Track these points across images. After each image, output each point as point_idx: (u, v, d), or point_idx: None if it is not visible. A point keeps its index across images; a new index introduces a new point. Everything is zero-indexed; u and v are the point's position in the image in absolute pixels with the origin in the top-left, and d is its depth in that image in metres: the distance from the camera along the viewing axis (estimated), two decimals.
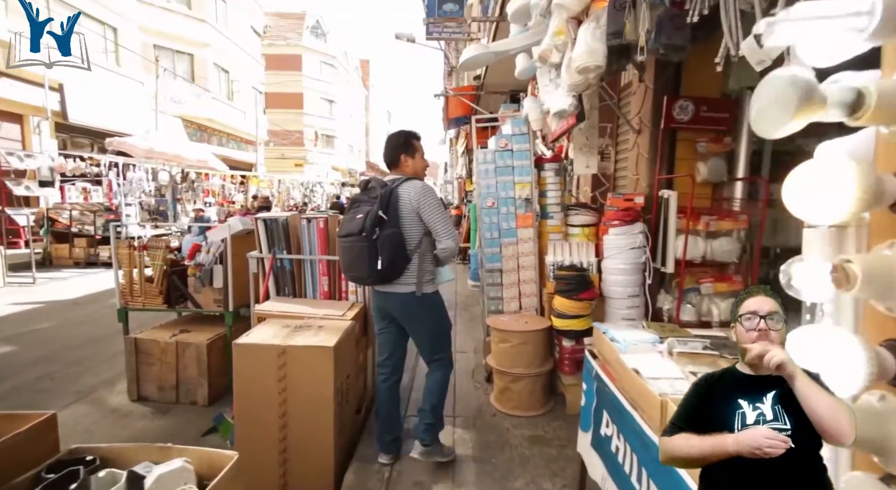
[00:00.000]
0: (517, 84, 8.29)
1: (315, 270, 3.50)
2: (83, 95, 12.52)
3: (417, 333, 2.62)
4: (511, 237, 3.83)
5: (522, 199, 3.78)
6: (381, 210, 2.32)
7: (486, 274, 3.85)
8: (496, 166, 3.78)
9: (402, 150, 2.56)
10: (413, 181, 2.47)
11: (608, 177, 4.96)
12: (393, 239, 2.34)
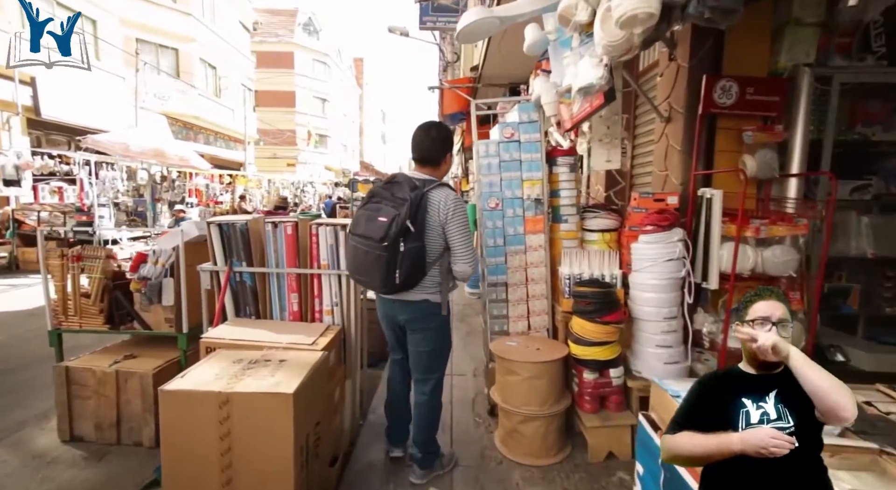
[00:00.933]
0: (517, 76, 7.71)
1: (282, 286, 2.89)
2: (58, 90, 11.83)
3: (419, 343, 2.39)
4: (518, 244, 3.23)
5: (532, 200, 3.18)
6: (409, 219, 2.05)
7: (489, 288, 3.25)
8: (500, 160, 3.18)
9: (447, 148, 2.31)
10: (445, 190, 2.23)
11: (623, 174, 4.38)
12: (417, 253, 2.11)
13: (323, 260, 2.83)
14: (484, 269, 3.27)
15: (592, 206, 3.42)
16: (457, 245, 2.20)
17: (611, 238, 3.27)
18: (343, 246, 2.82)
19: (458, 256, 2.22)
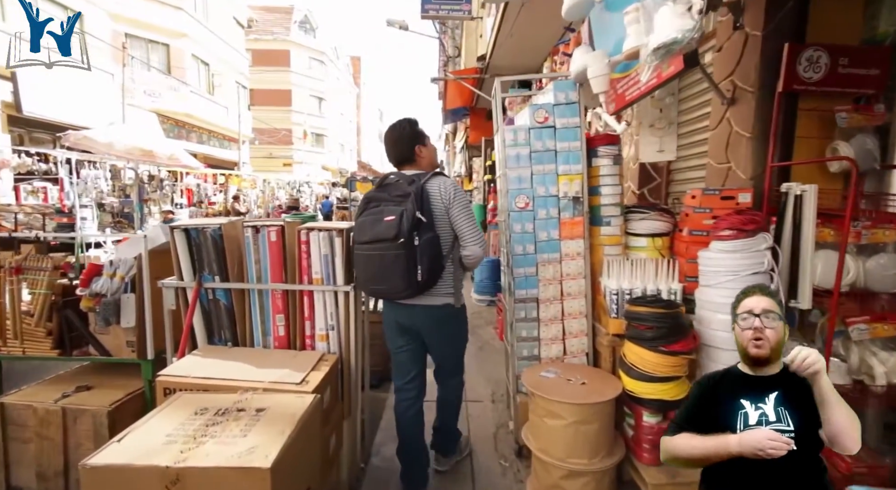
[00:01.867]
0: (527, 66, 7.15)
1: (266, 306, 2.33)
2: (41, 86, 11.26)
3: (443, 348, 2.36)
4: (552, 252, 2.68)
5: (569, 198, 2.63)
6: (418, 210, 2.00)
7: (517, 305, 2.69)
8: (532, 151, 2.63)
9: (415, 142, 2.25)
10: (440, 177, 2.18)
11: (659, 169, 3.83)
12: (434, 244, 2.05)
13: (315, 273, 2.28)
14: (510, 283, 2.72)
15: (638, 205, 2.87)
16: (464, 228, 2.13)
17: (662, 244, 2.72)
18: (339, 256, 2.26)
19: (467, 239, 2.14)
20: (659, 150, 2.75)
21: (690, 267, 2.51)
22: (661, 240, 2.72)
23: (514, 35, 6.02)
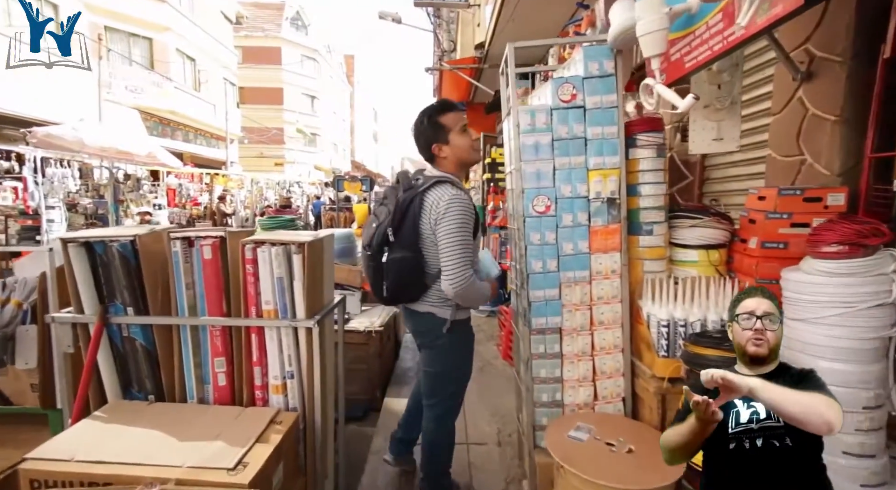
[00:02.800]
0: (529, 56, 6.56)
1: (202, 348, 1.72)
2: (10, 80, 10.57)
3: (425, 361, 1.98)
4: (580, 269, 2.08)
5: (603, 200, 2.04)
6: (391, 227, 1.74)
7: (534, 337, 2.09)
8: (554, 138, 2.03)
9: (433, 140, 1.83)
10: (441, 187, 1.75)
11: (691, 165, 3.23)
12: (401, 265, 1.74)
13: (266, 303, 1.67)
14: (524, 309, 2.12)
15: (686, 208, 2.27)
16: (442, 255, 1.72)
17: (719, 259, 2.13)
18: (299, 279, 1.65)
19: (443, 270, 1.72)
20: (716, 138, 2.16)
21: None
22: (718, 253, 2.13)
23: (515, 19, 5.42)
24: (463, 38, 11.52)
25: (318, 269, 1.76)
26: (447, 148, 1.81)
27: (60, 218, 9.18)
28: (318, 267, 1.75)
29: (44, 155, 8.35)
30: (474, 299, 1.78)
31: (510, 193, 2.30)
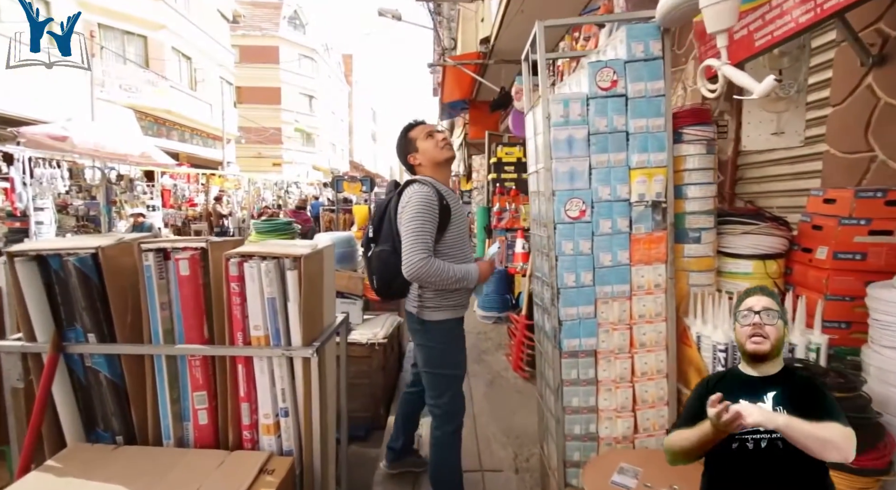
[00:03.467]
0: None
1: (180, 381, 1.44)
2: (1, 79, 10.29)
3: (418, 360, 2.06)
4: (619, 283, 1.81)
5: (647, 204, 1.76)
6: (372, 224, 1.95)
7: (566, 361, 1.82)
8: (591, 132, 1.75)
9: (406, 151, 2.00)
10: (412, 186, 1.84)
11: (721, 164, 2.95)
12: (381, 257, 1.85)
13: (256, 328, 1.39)
14: (554, 328, 1.84)
15: (736, 212, 1.99)
16: (402, 236, 1.75)
17: (777, 271, 1.86)
18: (294, 299, 1.37)
19: (402, 252, 1.73)
20: (776, 132, 1.89)
21: (833, 307, 1.65)
22: (776, 263, 1.86)
23: (525, 11, 5.15)
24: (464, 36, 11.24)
25: (318, 285, 1.48)
26: (419, 155, 1.93)
27: (50, 220, 8.90)
28: (317, 283, 1.47)
29: (32, 154, 8.06)
30: (442, 280, 1.74)
31: (536, 196, 2.03)
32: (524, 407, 3.49)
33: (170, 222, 12.42)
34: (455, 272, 1.74)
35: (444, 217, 1.78)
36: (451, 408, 1.95)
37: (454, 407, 1.96)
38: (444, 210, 1.78)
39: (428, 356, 1.95)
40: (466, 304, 1.96)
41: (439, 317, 1.88)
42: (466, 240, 1.93)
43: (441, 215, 1.76)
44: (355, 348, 3.37)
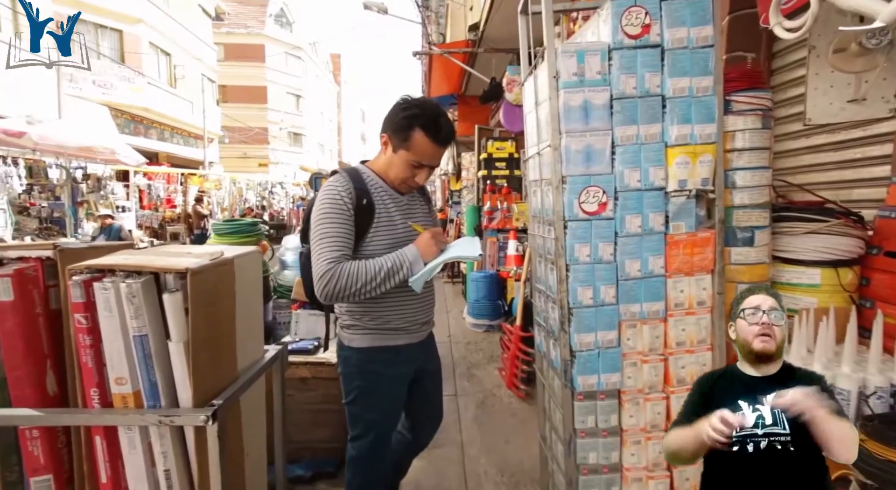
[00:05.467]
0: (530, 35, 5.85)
1: (11, 457, 0.94)
2: None
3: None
4: (651, 299, 1.34)
5: (690, 193, 1.30)
6: (304, 220, 1.49)
7: (579, 404, 1.35)
8: (615, 96, 1.28)
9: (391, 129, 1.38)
10: (329, 178, 1.43)
11: None
12: (302, 260, 1.47)
13: (119, 381, 0.90)
14: (565, 362, 1.37)
15: (795, 205, 1.54)
16: (312, 243, 1.33)
17: (852, 281, 1.41)
18: (179, 334, 0.89)
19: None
20: (854, 98, 1.43)
21: None
22: (852, 272, 1.41)
23: None
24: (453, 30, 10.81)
25: (222, 312, 1.01)
26: (389, 151, 1.37)
27: (5, 222, 8.33)
28: (221, 309, 1.00)
29: None
30: (364, 285, 1.25)
31: (537, 186, 1.56)
32: (519, 434, 3.02)
33: (145, 224, 11.85)
34: (374, 266, 1.25)
35: (362, 218, 1.32)
36: (365, 457, 1.45)
37: (370, 458, 1.45)
38: (361, 210, 1.31)
39: (344, 387, 1.45)
40: (408, 327, 1.39)
41: (357, 342, 1.38)
42: (407, 242, 1.36)
43: (358, 216, 1.31)
44: (323, 369, 2.90)
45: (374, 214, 1.31)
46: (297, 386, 2.87)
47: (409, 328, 1.37)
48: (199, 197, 14.26)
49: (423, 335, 1.43)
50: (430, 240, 1.29)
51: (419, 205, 1.45)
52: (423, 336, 1.43)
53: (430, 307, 1.44)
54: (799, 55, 1.78)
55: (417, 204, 1.44)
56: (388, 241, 1.32)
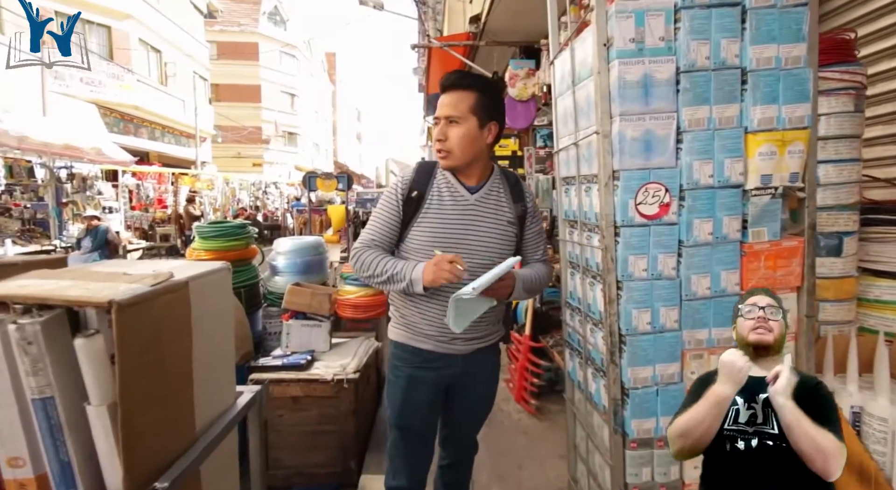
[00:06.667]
0: (533, 30, 5.59)
1: None
2: None
3: None
4: (723, 325, 1.07)
5: (776, 192, 1.03)
6: None
7: (633, 453, 1.08)
8: (682, 68, 1.01)
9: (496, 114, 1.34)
10: None
11: None
12: None
13: (13, 463, 0.62)
14: (615, 400, 1.10)
15: (880, 204, 1.28)
16: None
17: None
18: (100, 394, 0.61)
19: None
20: None
21: None
22: None
23: None
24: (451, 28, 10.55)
25: (175, 357, 0.73)
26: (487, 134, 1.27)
27: None
28: (172, 354, 0.72)
29: None
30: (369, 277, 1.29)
31: (569, 183, 1.29)
32: (533, 456, 2.74)
33: (134, 225, 11.55)
34: (382, 265, 1.25)
35: (409, 209, 1.31)
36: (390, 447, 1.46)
37: (393, 451, 1.44)
38: (409, 201, 1.30)
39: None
40: (436, 336, 1.28)
41: (392, 335, 1.41)
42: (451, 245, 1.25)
43: (406, 206, 1.30)
44: (317, 387, 2.64)
45: (420, 207, 1.29)
46: (288, 405, 2.61)
47: (437, 337, 1.28)
48: (190, 197, 13.96)
49: (462, 349, 1.29)
50: (433, 266, 1.15)
51: (493, 209, 1.26)
52: (463, 350, 1.29)
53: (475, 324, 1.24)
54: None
55: (491, 208, 1.26)
56: (428, 237, 1.28)
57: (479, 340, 1.30)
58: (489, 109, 1.23)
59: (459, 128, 1.20)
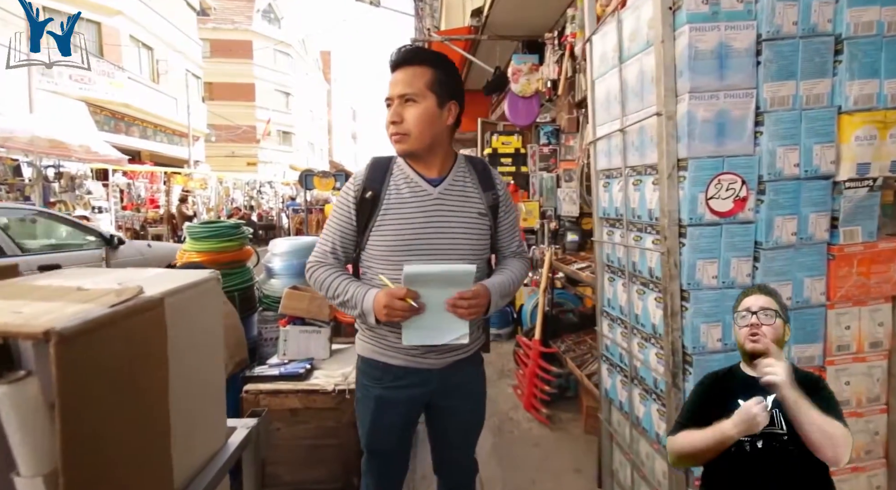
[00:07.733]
0: (536, 24, 5.43)
1: None
2: None
3: None
4: (803, 341, 0.90)
5: (874, 184, 0.86)
6: None
7: None
8: (764, 36, 0.85)
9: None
10: None
11: None
12: None
13: None
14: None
15: None
16: None
17: None
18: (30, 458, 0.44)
19: None
20: None
21: None
22: None
23: None
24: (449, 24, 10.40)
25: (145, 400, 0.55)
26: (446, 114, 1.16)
27: None
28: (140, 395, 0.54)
29: None
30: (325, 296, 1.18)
31: (609, 176, 1.12)
32: (546, 470, 2.57)
33: (125, 226, 11.33)
34: (337, 287, 1.14)
35: (364, 211, 1.17)
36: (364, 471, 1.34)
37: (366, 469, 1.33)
38: (364, 203, 1.17)
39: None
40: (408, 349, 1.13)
41: (359, 348, 1.26)
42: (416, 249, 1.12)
43: (361, 208, 1.17)
44: (317, 398, 2.46)
45: (377, 209, 1.14)
46: (285, 418, 2.48)
47: (408, 349, 1.13)
48: (183, 197, 13.75)
49: (437, 363, 1.16)
50: (383, 306, 1.05)
51: (460, 202, 1.11)
52: (438, 364, 1.16)
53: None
54: None
55: (458, 201, 1.11)
56: (390, 242, 1.13)
57: (455, 352, 1.15)
58: (448, 87, 1.11)
59: (416, 107, 1.07)
